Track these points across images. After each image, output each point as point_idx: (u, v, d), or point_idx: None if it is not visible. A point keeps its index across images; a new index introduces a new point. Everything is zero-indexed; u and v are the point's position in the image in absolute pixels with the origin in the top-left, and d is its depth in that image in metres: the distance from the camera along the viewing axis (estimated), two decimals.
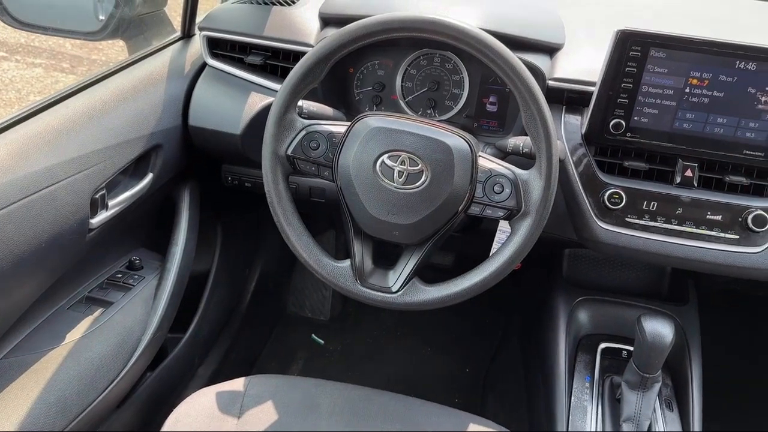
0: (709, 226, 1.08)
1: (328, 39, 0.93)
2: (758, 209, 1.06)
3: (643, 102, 1.06)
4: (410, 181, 0.94)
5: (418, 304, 0.99)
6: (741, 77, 1.02)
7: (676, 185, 1.09)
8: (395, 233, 0.97)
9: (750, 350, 2.04)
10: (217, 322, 1.73)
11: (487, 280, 0.97)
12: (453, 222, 0.98)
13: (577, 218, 1.14)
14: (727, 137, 1.05)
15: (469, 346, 2.06)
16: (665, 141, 1.08)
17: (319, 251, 1.01)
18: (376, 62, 1.28)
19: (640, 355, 1.06)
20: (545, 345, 1.34)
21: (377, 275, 1.02)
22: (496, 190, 0.95)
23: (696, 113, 1.05)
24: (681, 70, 1.03)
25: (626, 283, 1.48)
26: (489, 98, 1.26)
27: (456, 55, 1.25)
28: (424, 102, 1.29)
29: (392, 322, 2.13)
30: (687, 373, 1.24)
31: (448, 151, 0.93)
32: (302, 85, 0.96)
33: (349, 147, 0.96)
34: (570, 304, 1.34)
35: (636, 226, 1.10)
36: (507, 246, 0.97)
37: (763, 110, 1.03)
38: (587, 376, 1.24)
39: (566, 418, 1.17)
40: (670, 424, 1.16)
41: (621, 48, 1.02)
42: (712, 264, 1.09)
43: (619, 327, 1.31)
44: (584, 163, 1.12)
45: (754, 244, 1.07)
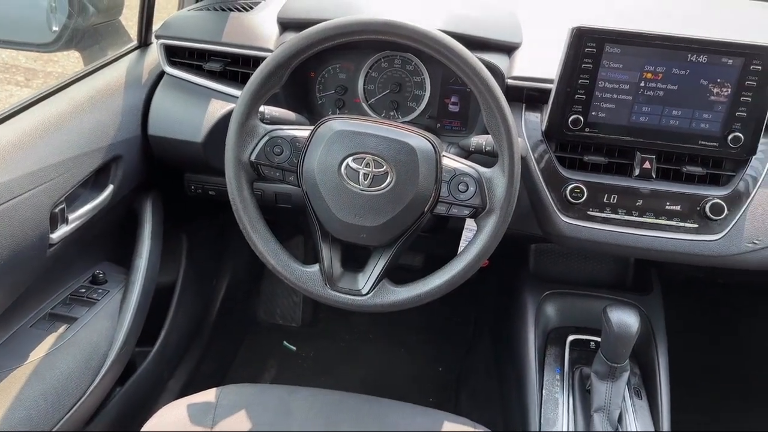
0: (668, 216, 1.11)
1: (287, 43, 0.93)
2: (715, 198, 1.09)
3: (600, 97, 1.08)
4: (376, 183, 0.94)
5: (389, 305, 0.99)
6: (693, 70, 1.05)
7: (635, 177, 1.11)
8: (363, 235, 0.97)
9: (714, 336, 2.10)
10: (186, 333, 1.70)
11: (456, 278, 0.98)
12: (420, 222, 0.98)
13: (540, 213, 1.16)
14: (683, 129, 1.08)
15: (441, 345, 2.07)
16: (623, 135, 1.10)
17: (287, 257, 1.01)
18: (337, 66, 1.28)
19: (608, 346, 1.08)
20: (515, 340, 1.36)
21: (347, 278, 1.02)
22: (461, 189, 0.96)
23: (651, 106, 1.08)
24: (635, 65, 1.05)
25: (592, 275, 1.51)
26: (451, 98, 1.28)
27: (416, 57, 1.25)
28: (387, 104, 1.29)
29: (364, 325, 2.13)
30: (654, 361, 1.27)
31: (412, 152, 0.94)
32: (263, 91, 0.95)
33: (313, 151, 0.95)
34: (538, 299, 1.36)
35: (598, 219, 1.12)
36: (474, 244, 0.98)
37: (716, 101, 1.06)
38: (557, 369, 1.25)
39: (538, 410, 1.19)
40: (639, 412, 1.19)
41: (576, 45, 1.04)
42: (673, 253, 1.12)
43: (587, 319, 1.33)
44: (545, 160, 1.14)
45: (712, 232, 1.10)
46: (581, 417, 1.15)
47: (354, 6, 1.25)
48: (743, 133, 1.06)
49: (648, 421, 1.18)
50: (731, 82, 1.04)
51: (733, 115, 1.06)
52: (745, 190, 1.10)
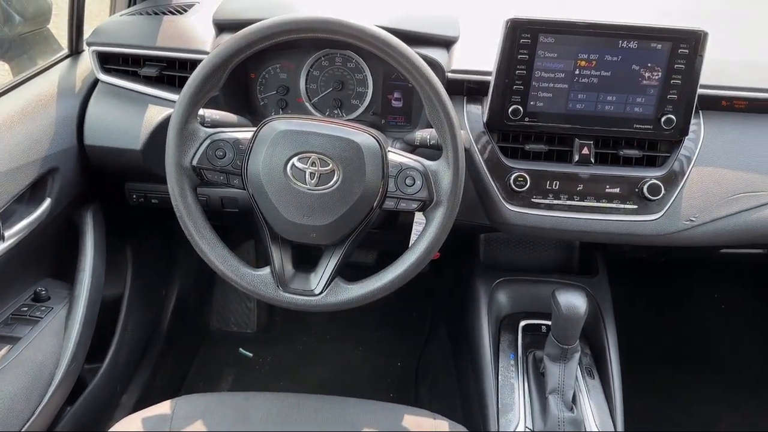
0: (608, 199, 1.14)
1: (224, 44, 0.91)
2: (652, 179, 1.13)
3: (538, 87, 1.11)
4: (323, 181, 0.94)
5: (343, 303, 0.99)
6: (625, 56, 1.08)
7: (575, 163, 1.15)
8: (313, 235, 0.97)
9: (658, 311, 2.18)
10: (137, 346, 1.66)
11: (408, 271, 0.99)
12: (369, 218, 0.99)
13: (487, 203, 1.18)
14: (618, 114, 1.12)
15: (399, 340, 2.08)
16: (561, 122, 1.13)
17: (237, 261, 0.99)
18: (277, 66, 1.27)
19: (558, 328, 1.11)
20: (469, 329, 1.38)
21: (299, 279, 1.01)
22: (408, 183, 0.97)
23: (587, 93, 1.11)
24: (569, 54, 1.08)
25: (540, 261, 1.54)
26: (393, 94, 1.28)
27: (357, 54, 1.25)
28: (330, 102, 1.29)
29: (321, 326, 2.12)
30: (603, 340, 1.31)
31: (357, 149, 0.94)
32: (201, 94, 0.94)
33: (257, 152, 0.94)
34: (489, 287, 1.39)
35: (542, 205, 1.15)
36: (423, 236, 0.99)
37: (648, 85, 1.10)
38: (511, 354, 1.28)
39: (495, 396, 1.21)
40: (593, 391, 1.22)
41: (512, 36, 1.06)
42: (615, 234, 1.16)
43: (537, 304, 1.37)
44: (489, 150, 1.16)
45: (651, 212, 1.14)
46: (537, 400, 1.17)
47: (291, 5, 1.24)
48: (675, 114, 1.10)
49: (601, 399, 1.22)
50: (661, 66, 1.08)
51: (664, 98, 1.10)
52: (680, 170, 1.14)
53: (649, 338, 2.07)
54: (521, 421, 1.15)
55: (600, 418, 1.17)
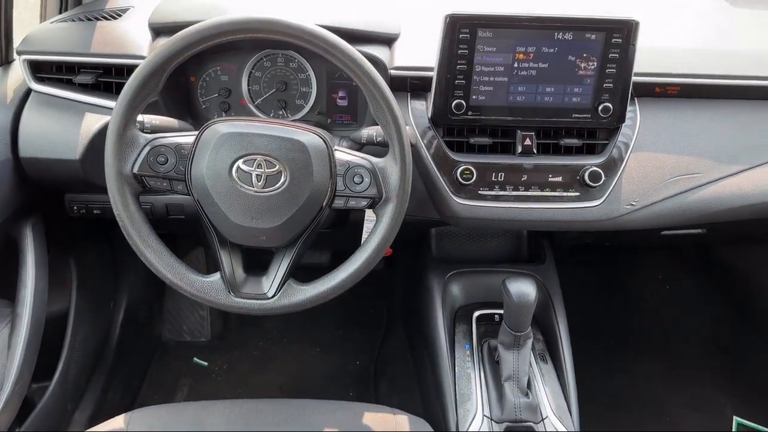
0: (552, 187, 1.17)
1: (160, 48, 0.89)
2: (592, 166, 1.16)
3: (479, 81, 1.12)
4: (270, 183, 0.93)
5: (297, 304, 0.99)
6: (561, 47, 1.11)
7: (519, 154, 1.17)
8: (262, 238, 0.96)
9: (606, 294, 2.25)
10: (87, 361, 1.61)
11: (361, 269, 0.99)
12: (319, 218, 0.98)
13: (435, 197, 1.19)
14: (557, 104, 1.15)
15: (356, 338, 2.08)
16: (503, 115, 1.15)
17: (185, 269, 0.97)
18: (218, 68, 1.25)
19: (510, 316, 1.13)
20: (425, 322, 1.39)
21: (251, 283, 1.00)
22: (356, 181, 0.97)
23: (526, 86, 1.13)
24: (508, 47, 1.10)
25: (491, 251, 1.57)
26: (338, 93, 1.28)
27: (299, 54, 1.25)
28: (275, 103, 1.28)
29: (277, 330, 2.10)
30: (554, 325, 1.34)
31: (303, 149, 0.93)
32: (139, 99, 0.91)
33: (201, 157, 0.93)
34: (442, 280, 1.40)
35: (488, 197, 1.17)
36: (374, 234, 0.99)
37: (584, 75, 1.13)
38: (467, 345, 1.30)
39: (453, 387, 1.23)
40: (546, 376, 1.25)
41: (451, 32, 1.08)
42: (560, 221, 1.19)
43: (489, 294, 1.39)
44: (435, 145, 1.17)
45: (592, 198, 1.17)
46: (493, 387, 1.20)
47: (228, 7, 1.22)
48: (612, 103, 1.14)
49: (555, 382, 1.25)
50: (596, 56, 1.11)
51: (601, 87, 1.13)
52: (618, 157, 1.18)
53: (598, 321, 2.14)
54: (479, 409, 1.17)
55: (555, 401, 1.20)
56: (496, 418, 1.15)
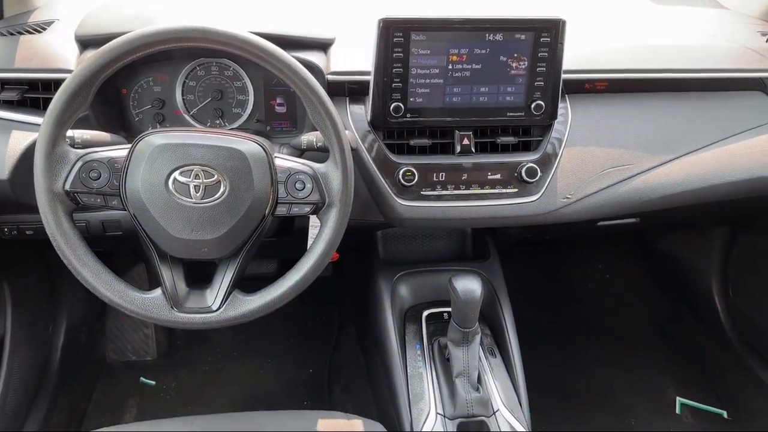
0: (491, 185, 1.20)
1: (88, 61, 0.87)
2: (528, 162, 1.19)
3: (415, 83, 1.14)
4: (209, 193, 0.91)
5: (243, 315, 0.97)
6: (492, 48, 1.13)
7: (458, 154, 1.19)
8: (204, 250, 0.94)
9: (549, 286, 2.31)
10: (27, 387, 1.54)
11: (307, 276, 0.98)
12: (262, 227, 0.98)
13: (379, 200, 1.20)
14: (492, 104, 1.17)
15: (308, 347, 2.07)
16: (441, 116, 1.17)
17: (124, 286, 0.95)
18: (150, 79, 1.22)
19: (458, 313, 1.15)
20: (375, 325, 1.40)
21: (194, 297, 0.98)
22: (298, 187, 0.97)
23: (462, 87, 1.15)
24: (441, 49, 1.12)
25: (436, 251, 1.59)
26: (276, 100, 1.27)
27: (234, 62, 1.23)
28: (211, 113, 1.26)
29: (226, 343, 2.07)
30: (501, 320, 1.37)
31: (242, 157, 0.92)
32: (67, 114, 0.88)
33: (135, 170, 0.91)
34: (390, 282, 1.41)
35: (431, 197, 1.18)
36: (319, 239, 0.99)
37: (516, 75, 1.16)
38: (417, 344, 1.31)
39: (406, 387, 1.23)
40: (496, 370, 1.28)
41: (385, 36, 1.09)
42: (501, 218, 1.21)
43: (437, 292, 1.41)
44: (376, 148, 1.18)
45: (530, 193, 1.20)
46: (445, 385, 1.21)
47: (158, 16, 1.20)
48: (544, 100, 1.17)
49: (504, 376, 1.27)
50: (527, 55, 1.14)
51: (532, 86, 1.16)
52: (553, 152, 1.22)
53: (543, 312, 2.19)
54: (432, 408, 1.18)
55: (505, 394, 1.22)
56: (449, 415, 1.16)
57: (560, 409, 1.85)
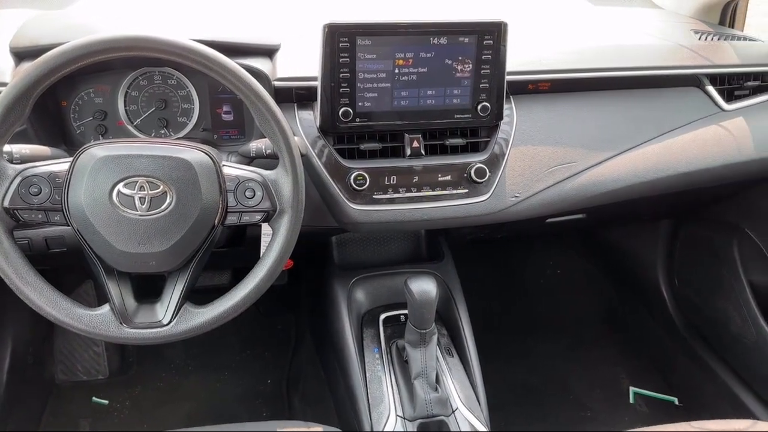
0: (442, 186, 1.21)
1: (23, 73, 0.84)
2: (477, 163, 1.21)
3: (363, 88, 1.14)
4: (155, 205, 0.89)
5: (196, 328, 0.96)
6: (437, 52, 1.15)
7: (408, 157, 1.20)
8: (152, 263, 0.92)
9: (503, 284, 2.35)
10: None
11: (261, 285, 0.98)
12: (212, 237, 0.96)
13: (331, 205, 1.19)
14: (439, 106, 1.19)
15: (265, 357, 2.04)
16: (390, 120, 1.18)
17: (70, 303, 0.92)
18: (90, 90, 1.19)
19: (414, 315, 1.15)
20: (332, 331, 1.39)
21: (144, 312, 0.96)
22: (248, 195, 0.96)
23: (409, 90, 1.16)
24: (387, 54, 1.13)
25: (391, 254, 1.59)
26: (223, 108, 1.26)
27: (177, 70, 1.21)
28: (155, 123, 1.23)
29: (180, 357, 2.02)
30: (457, 319, 1.39)
31: (188, 166, 0.91)
32: (3, 128, 0.85)
33: (77, 184, 0.88)
34: (346, 287, 1.41)
35: (383, 200, 1.19)
36: (271, 247, 0.98)
37: (462, 77, 1.18)
38: (375, 348, 1.31)
39: (365, 392, 1.23)
40: (454, 369, 1.29)
41: (331, 41, 1.09)
42: (453, 218, 1.22)
43: (393, 295, 1.41)
44: (326, 154, 1.17)
45: (480, 193, 1.22)
46: (404, 387, 1.21)
47: (97, 25, 1.17)
48: (489, 102, 1.19)
49: (462, 374, 1.29)
50: (471, 58, 1.16)
51: (478, 88, 1.18)
52: (500, 152, 1.24)
53: (498, 310, 2.22)
54: (392, 410, 1.18)
55: (463, 392, 1.23)
56: (408, 416, 1.17)
57: (518, 405, 1.88)
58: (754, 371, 1.69)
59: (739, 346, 1.72)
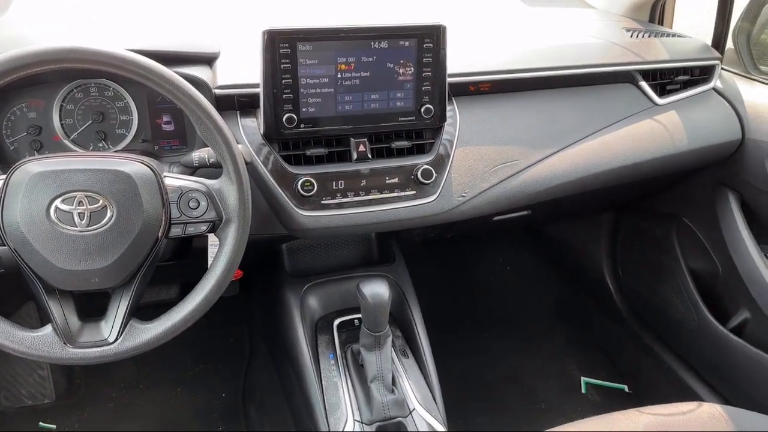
0: (390, 189, 1.21)
1: None
2: (423, 165, 1.22)
3: (306, 93, 1.14)
4: (95, 220, 0.87)
5: (143, 345, 0.94)
6: (379, 56, 1.15)
7: (355, 161, 1.20)
8: (95, 280, 0.90)
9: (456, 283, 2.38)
10: None
11: (209, 296, 0.96)
12: (157, 250, 0.94)
13: (279, 212, 1.18)
14: (383, 110, 1.19)
15: (220, 370, 2.01)
16: (335, 125, 1.17)
17: (9, 325, 0.88)
18: (23, 104, 1.15)
19: (368, 318, 1.16)
20: (287, 340, 1.38)
21: (88, 330, 0.93)
22: (192, 206, 0.94)
23: (352, 95, 1.17)
24: (329, 59, 1.13)
25: (343, 259, 1.59)
26: (163, 118, 1.23)
27: (113, 82, 1.18)
28: (93, 136, 1.20)
29: (130, 376, 1.96)
30: (411, 320, 1.40)
31: (128, 179, 0.89)
32: None
33: (11, 202, 0.85)
34: (299, 294, 1.40)
35: (332, 205, 1.18)
36: (219, 257, 0.97)
37: (404, 80, 1.18)
38: (330, 354, 1.31)
39: (321, 399, 1.23)
40: (409, 370, 1.30)
41: (271, 47, 1.08)
42: (402, 220, 1.23)
43: (347, 300, 1.41)
44: (272, 161, 1.16)
45: (427, 194, 1.23)
46: (360, 391, 1.21)
47: (29, 37, 1.13)
48: (432, 104, 1.21)
49: (418, 375, 1.30)
50: (412, 61, 1.17)
51: (420, 90, 1.19)
52: (445, 153, 1.25)
53: (451, 309, 2.25)
54: (349, 415, 1.18)
55: (420, 392, 1.24)
56: (366, 420, 1.17)
57: (474, 401, 1.90)
58: (697, 355, 1.76)
59: (682, 332, 1.79)
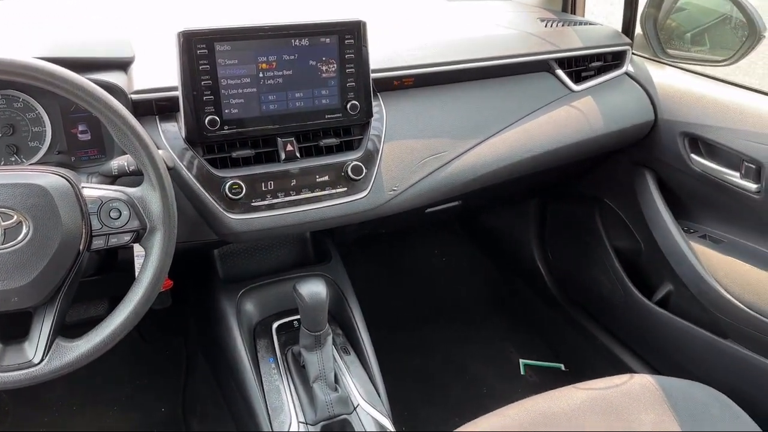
0: (321, 187, 1.21)
1: None
2: (353, 161, 1.22)
3: (228, 94, 1.11)
4: (10, 237, 0.83)
5: (71, 363, 0.90)
6: (300, 53, 1.14)
7: (283, 161, 1.18)
8: (14, 299, 0.85)
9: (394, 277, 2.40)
10: None
11: (138, 309, 0.93)
12: (79, 265, 0.90)
13: (208, 218, 1.16)
14: (309, 108, 1.18)
15: (157, 385, 1.94)
16: (260, 125, 1.15)
17: None
18: None
19: (306, 318, 1.15)
20: (224, 348, 1.35)
21: (11, 353, 0.89)
22: (113, 216, 0.91)
23: (276, 94, 1.15)
24: (249, 58, 1.11)
25: (279, 261, 1.58)
26: (78, 127, 1.18)
27: (22, 92, 1.12)
28: (4, 150, 1.13)
29: (61, 398, 1.87)
30: (350, 317, 1.40)
31: (43, 193, 0.85)
32: None
33: None
34: (234, 300, 1.37)
35: (262, 207, 1.16)
36: (146, 268, 0.94)
37: (328, 77, 1.18)
38: (270, 359, 1.29)
39: (264, 404, 1.21)
40: (352, 367, 1.30)
41: (188, 49, 1.05)
42: (334, 218, 1.23)
43: (284, 302, 1.40)
44: (196, 165, 1.13)
45: (359, 190, 1.23)
46: (303, 392, 1.21)
47: None
48: (357, 100, 1.21)
49: (361, 371, 1.30)
50: (334, 58, 1.17)
51: (345, 87, 1.19)
52: (374, 149, 1.26)
53: (391, 303, 2.27)
54: (293, 417, 1.17)
55: (363, 388, 1.24)
56: (310, 420, 1.16)
57: (418, 392, 1.92)
58: (626, 330, 1.85)
59: (611, 308, 1.87)
